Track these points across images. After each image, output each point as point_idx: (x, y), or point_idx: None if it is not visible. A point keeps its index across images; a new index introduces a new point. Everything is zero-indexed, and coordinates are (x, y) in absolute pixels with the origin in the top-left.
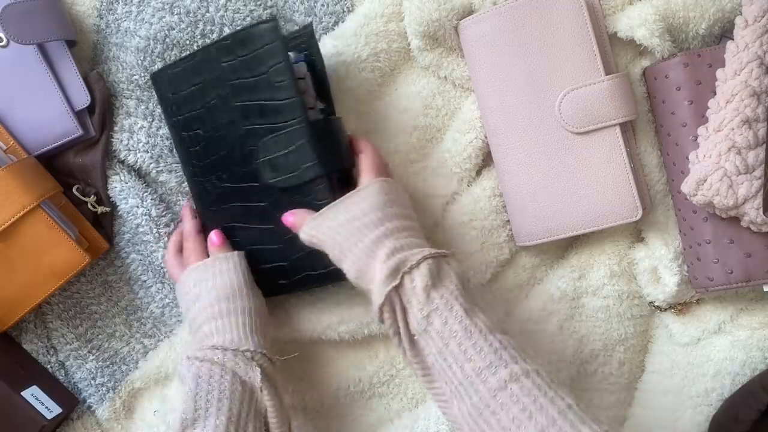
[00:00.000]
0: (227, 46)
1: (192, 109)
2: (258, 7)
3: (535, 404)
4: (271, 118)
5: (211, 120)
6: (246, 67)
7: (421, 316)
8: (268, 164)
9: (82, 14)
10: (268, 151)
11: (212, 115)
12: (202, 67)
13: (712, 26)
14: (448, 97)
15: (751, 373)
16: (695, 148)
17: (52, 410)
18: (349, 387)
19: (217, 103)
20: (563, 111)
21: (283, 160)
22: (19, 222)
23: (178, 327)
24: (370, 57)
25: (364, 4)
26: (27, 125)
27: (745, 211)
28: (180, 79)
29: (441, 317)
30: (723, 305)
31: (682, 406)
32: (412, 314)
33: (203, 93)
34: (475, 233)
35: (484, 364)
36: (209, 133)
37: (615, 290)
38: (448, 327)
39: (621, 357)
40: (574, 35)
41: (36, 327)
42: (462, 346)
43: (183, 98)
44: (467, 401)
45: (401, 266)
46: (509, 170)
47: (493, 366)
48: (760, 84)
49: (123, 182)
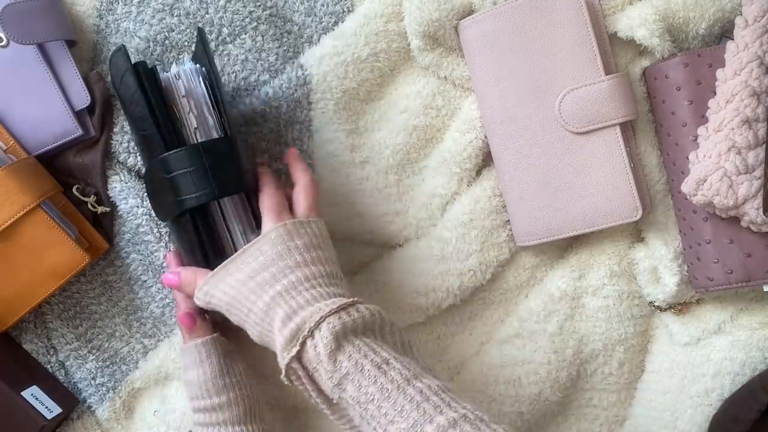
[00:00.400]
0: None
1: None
2: (257, 8)
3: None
4: (153, 149)
5: None
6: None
7: (332, 385)
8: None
9: (82, 14)
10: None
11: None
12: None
13: (712, 26)
14: (448, 97)
15: (751, 373)
16: (695, 148)
17: (52, 410)
18: None
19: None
20: (563, 111)
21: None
22: (19, 222)
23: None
24: (370, 57)
25: (364, 4)
26: (27, 125)
27: (745, 211)
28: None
29: (353, 383)
30: (723, 305)
31: (682, 406)
32: (323, 382)
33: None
34: (475, 233)
35: (408, 425)
36: None
37: (615, 290)
38: (363, 391)
39: (621, 357)
40: (574, 35)
41: (36, 327)
42: (382, 409)
43: None
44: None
45: (299, 332)
46: (509, 170)
47: (418, 425)
48: (760, 84)
49: (123, 182)
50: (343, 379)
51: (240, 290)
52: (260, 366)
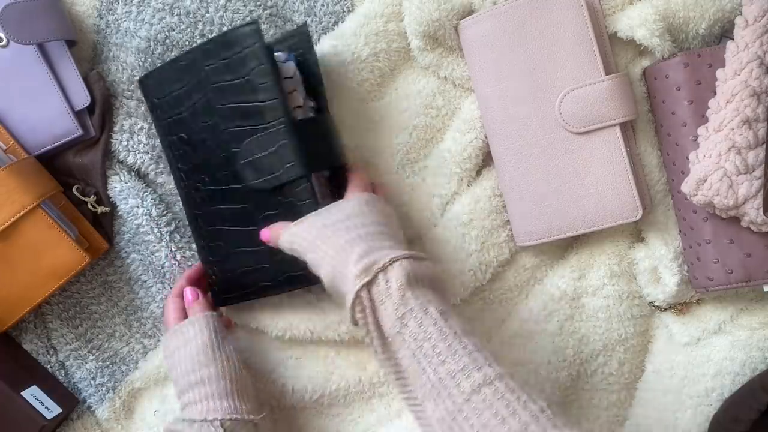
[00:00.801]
0: (210, 49)
1: (176, 112)
2: (258, 8)
3: (508, 408)
4: (253, 119)
5: (194, 123)
6: (228, 70)
7: (395, 317)
8: (250, 166)
9: (82, 14)
10: (250, 153)
11: (195, 119)
12: (187, 70)
13: (712, 26)
14: (448, 97)
15: (751, 373)
16: (695, 148)
17: (52, 410)
18: (349, 387)
19: (200, 107)
20: (563, 111)
21: (264, 161)
22: (19, 222)
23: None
24: (370, 57)
25: (364, 4)
26: (27, 125)
27: (745, 211)
28: (165, 82)
29: (416, 319)
30: (723, 305)
31: (682, 406)
32: (386, 315)
33: (187, 96)
34: (475, 233)
35: (458, 367)
36: (192, 136)
37: (615, 290)
38: (423, 329)
39: (621, 357)
40: (574, 35)
41: (36, 327)
42: (436, 349)
43: (167, 102)
44: (440, 405)
45: (374, 265)
46: (509, 170)
47: (467, 369)
48: (760, 84)
49: (123, 182)
50: (407, 314)
51: (323, 231)
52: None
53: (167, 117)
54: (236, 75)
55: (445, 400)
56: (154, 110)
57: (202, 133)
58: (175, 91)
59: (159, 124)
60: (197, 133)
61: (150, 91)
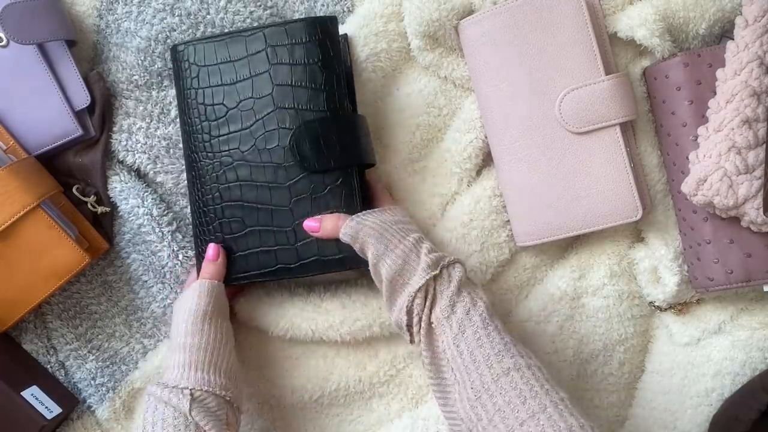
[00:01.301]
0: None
1: (221, 81)
2: (258, 8)
3: (531, 391)
4: (313, 104)
5: (241, 95)
6: (297, 53)
7: (447, 304)
8: (303, 147)
9: (82, 14)
10: (303, 135)
11: (244, 91)
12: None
13: (712, 26)
14: (449, 96)
15: (751, 373)
16: (695, 148)
17: (52, 410)
18: (349, 387)
19: (252, 81)
20: (563, 111)
21: (317, 145)
22: (19, 222)
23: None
24: (371, 57)
25: (364, 4)
26: (27, 125)
27: (745, 211)
28: (213, 52)
29: (464, 307)
30: (723, 305)
31: (682, 406)
32: (440, 303)
33: (240, 68)
34: (475, 233)
35: (493, 352)
36: (235, 106)
37: (615, 290)
38: (469, 316)
39: (621, 357)
40: (575, 35)
41: (36, 327)
42: (477, 334)
43: (210, 70)
44: (468, 385)
45: (441, 260)
46: (509, 170)
47: (501, 354)
48: (760, 84)
49: (123, 182)
50: (458, 302)
51: (389, 226)
52: (263, 363)
53: (208, 84)
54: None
55: (474, 380)
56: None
57: (248, 106)
58: (227, 60)
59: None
60: (243, 106)
61: (191, 55)
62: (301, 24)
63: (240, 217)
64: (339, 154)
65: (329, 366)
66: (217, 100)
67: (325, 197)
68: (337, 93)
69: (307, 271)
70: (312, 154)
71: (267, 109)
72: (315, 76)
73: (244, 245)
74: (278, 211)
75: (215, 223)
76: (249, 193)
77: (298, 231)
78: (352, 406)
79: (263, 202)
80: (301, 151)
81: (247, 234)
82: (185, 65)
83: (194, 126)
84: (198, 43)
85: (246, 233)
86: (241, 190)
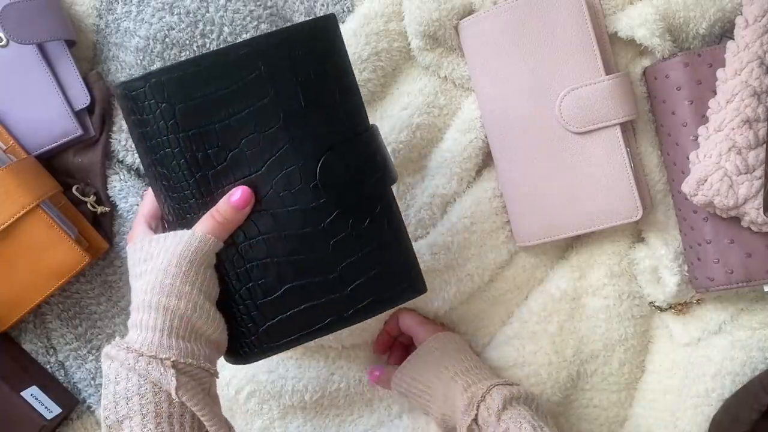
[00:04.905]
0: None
1: (209, 121)
2: (258, 8)
3: None
4: (333, 126)
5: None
6: (301, 67)
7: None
8: (333, 180)
9: (81, 14)
10: (329, 167)
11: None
12: (233, 69)
13: (712, 26)
14: (450, 96)
15: (752, 373)
16: (695, 148)
17: (52, 410)
18: (349, 388)
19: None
20: (563, 111)
21: (346, 174)
22: (18, 222)
23: None
24: (372, 56)
25: (364, 3)
26: (27, 125)
27: (745, 211)
28: (195, 82)
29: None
30: (723, 305)
31: (682, 406)
32: None
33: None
34: (475, 234)
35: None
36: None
37: (615, 290)
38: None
39: (621, 357)
40: (575, 35)
41: (36, 327)
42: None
43: (192, 108)
44: None
45: (474, 398)
46: (509, 170)
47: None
48: (760, 84)
49: (123, 181)
50: None
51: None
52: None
53: (193, 126)
54: (314, 73)
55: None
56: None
57: (257, 143)
58: (213, 93)
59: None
60: (245, 144)
61: (168, 93)
62: (301, 29)
63: (272, 276)
64: (372, 176)
65: (330, 366)
66: (208, 144)
67: (367, 230)
68: (356, 105)
69: (366, 315)
70: (346, 185)
71: (279, 144)
72: (329, 91)
73: (284, 306)
74: (317, 259)
75: (242, 291)
76: (277, 246)
77: (345, 275)
78: (352, 406)
79: (297, 253)
80: (333, 184)
81: (285, 293)
82: (167, 105)
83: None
84: (177, 71)
85: (284, 292)
86: (267, 245)
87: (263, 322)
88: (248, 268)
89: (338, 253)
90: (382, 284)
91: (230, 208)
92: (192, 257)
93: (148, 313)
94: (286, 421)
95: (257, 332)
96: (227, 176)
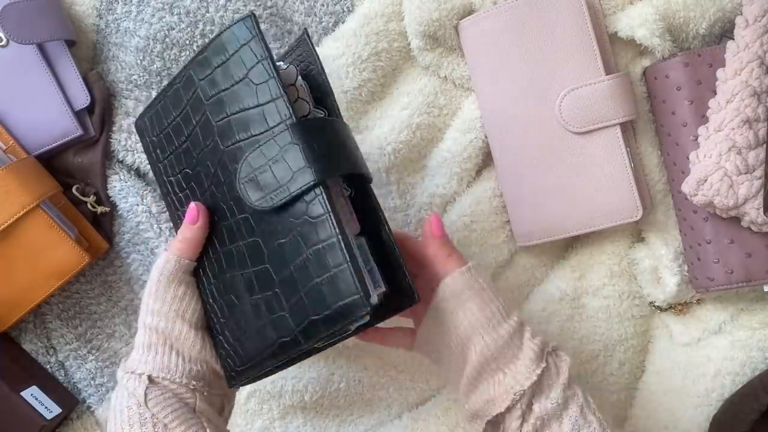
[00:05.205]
0: (203, 59)
1: (175, 147)
2: (258, 8)
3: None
4: (254, 128)
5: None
6: (224, 77)
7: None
8: (252, 184)
9: (81, 14)
10: (250, 167)
11: (195, 147)
12: (183, 92)
13: (712, 26)
14: (450, 96)
15: (752, 373)
16: (695, 148)
17: (52, 410)
18: (349, 388)
19: (199, 131)
20: (563, 111)
21: (268, 174)
22: (18, 222)
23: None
24: (372, 57)
25: (364, 3)
26: (27, 125)
27: (745, 211)
28: (160, 114)
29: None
30: (723, 305)
31: (682, 406)
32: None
33: (186, 122)
34: (475, 234)
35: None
36: (196, 168)
37: (615, 290)
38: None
39: (621, 357)
40: (575, 35)
41: (36, 327)
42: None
43: (166, 136)
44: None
45: (545, 347)
46: (509, 170)
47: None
48: (760, 84)
49: (123, 181)
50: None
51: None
52: None
53: (167, 154)
54: (233, 80)
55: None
56: (153, 151)
57: (201, 163)
58: (173, 120)
59: (159, 165)
60: (201, 164)
61: (145, 130)
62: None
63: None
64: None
65: (330, 367)
66: (180, 168)
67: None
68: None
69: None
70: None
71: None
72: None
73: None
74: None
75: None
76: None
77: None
78: (352, 406)
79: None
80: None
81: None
82: (145, 142)
83: (170, 208)
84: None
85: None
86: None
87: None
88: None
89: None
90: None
91: (184, 226)
92: (159, 277)
93: (138, 331)
94: (286, 421)
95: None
96: (189, 197)
